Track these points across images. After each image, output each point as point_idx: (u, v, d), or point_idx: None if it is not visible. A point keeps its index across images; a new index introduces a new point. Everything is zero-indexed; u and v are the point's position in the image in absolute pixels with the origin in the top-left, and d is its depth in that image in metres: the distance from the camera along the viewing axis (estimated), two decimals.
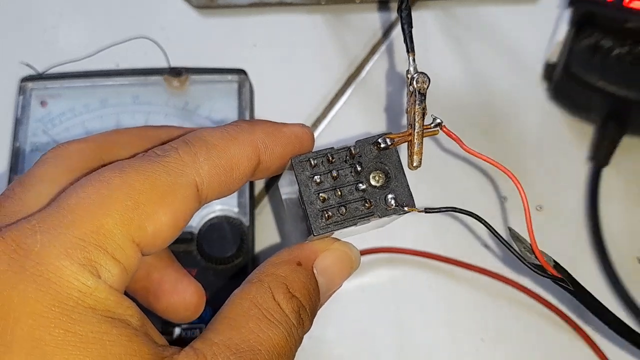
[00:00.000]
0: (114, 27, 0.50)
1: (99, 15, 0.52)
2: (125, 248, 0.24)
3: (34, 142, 0.45)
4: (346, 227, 0.27)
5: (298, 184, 0.27)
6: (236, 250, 0.43)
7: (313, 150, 0.28)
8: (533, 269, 0.30)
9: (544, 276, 0.30)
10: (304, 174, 0.27)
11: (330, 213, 0.27)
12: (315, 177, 0.27)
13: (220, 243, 0.43)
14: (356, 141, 0.28)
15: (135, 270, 0.25)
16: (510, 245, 0.29)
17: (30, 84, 0.47)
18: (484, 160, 0.28)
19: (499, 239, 0.29)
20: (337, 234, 0.29)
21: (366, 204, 0.27)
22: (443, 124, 0.28)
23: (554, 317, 0.44)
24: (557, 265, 0.31)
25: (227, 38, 0.51)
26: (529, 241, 0.29)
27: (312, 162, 0.27)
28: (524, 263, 0.29)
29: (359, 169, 0.27)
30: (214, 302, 0.31)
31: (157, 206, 0.24)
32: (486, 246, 0.46)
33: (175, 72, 0.47)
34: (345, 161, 0.27)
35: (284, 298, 0.27)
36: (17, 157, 0.45)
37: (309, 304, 0.28)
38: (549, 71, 0.49)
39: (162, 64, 0.48)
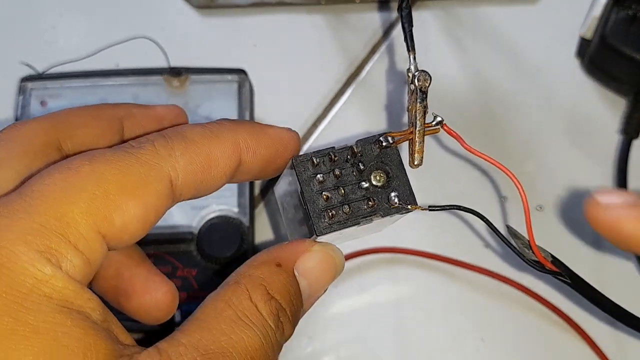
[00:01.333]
0: (114, 27, 0.50)
1: (99, 15, 0.52)
2: (89, 239, 0.22)
3: None
4: (349, 226, 0.27)
5: (299, 183, 0.27)
6: (236, 250, 0.43)
7: (314, 150, 0.27)
8: (531, 265, 0.30)
9: (542, 271, 0.30)
10: (305, 173, 0.27)
11: (333, 212, 0.27)
12: (318, 175, 0.27)
13: (220, 243, 0.43)
14: (357, 140, 0.27)
15: (99, 264, 0.23)
16: (509, 242, 0.29)
17: (30, 84, 0.47)
18: (484, 159, 0.28)
19: (498, 235, 0.29)
20: (337, 237, 0.28)
21: (369, 203, 0.27)
22: (444, 122, 0.28)
23: (554, 316, 0.44)
24: (555, 260, 0.31)
25: (227, 38, 0.51)
26: (527, 238, 0.30)
27: (315, 161, 0.27)
28: (522, 259, 0.29)
29: (361, 167, 0.27)
30: None
31: (127, 198, 0.23)
32: (487, 246, 0.46)
33: (175, 72, 0.47)
34: (347, 160, 0.27)
35: (262, 299, 0.25)
36: None
37: (289, 306, 0.26)
38: (584, 47, 0.50)
39: (162, 63, 0.48)
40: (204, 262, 0.43)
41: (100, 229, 0.23)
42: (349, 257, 0.45)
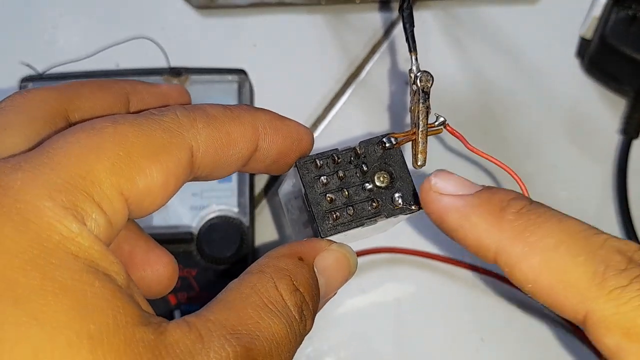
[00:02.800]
0: (114, 27, 0.50)
1: (99, 15, 0.52)
2: (113, 200, 0.22)
3: None
4: (353, 227, 0.27)
5: (303, 185, 0.27)
6: (236, 250, 0.43)
7: (315, 153, 0.27)
8: None
9: None
10: (309, 175, 0.27)
11: (337, 214, 0.27)
12: (322, 177, 0.27)
13: (220, 243, 0.43)
14: (360, 142, 0.27)
15: (120, 228, 0.23)
16: None
17: (30, 84, 0.47)
18: (488, 159, 0.28)
19: None
20: (342, 238, 0.28)
21: (373, 204, 0.27)
22: (447, 122, 0.28)
23: (554, 316, 0.44)
24: None
25: (227, 38, 0.51)
26: None
27: (318, 163, 0.27)
28: None
29: (365, 168, 0.27)
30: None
31: (150, 162, 0.23)
32: None
33: (175, 72, 0.47)
34: (350, 162, 0.27)
35: (287, 290, 0.25)
36: None
37: (311, 301, 0.26)
38: (584, 47, 0.50)
39: (162, 64, 0.48)
40: (204, 262, 0.43)
41: (123, 190, 0.22)
42: None
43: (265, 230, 0.46)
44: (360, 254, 0.45)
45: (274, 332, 0.23)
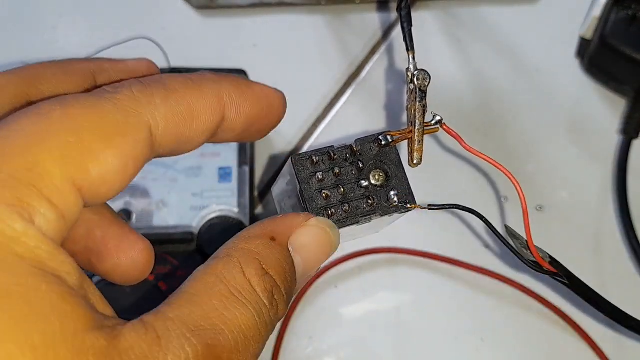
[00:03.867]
0: (114, 27, 0.50)
1: (98, 15, 0.52)
2: (63, 191, 0.20)
3: None
4: (348, 225, 0.27)
5: (298, 181, 0.27)
6: None
7: (313, 149, 0.27)
8: (529, 265, 0.30)
9: (540, 272, 0.30)
10: (304, 171, 0.27)
11: (332, 210, 0.26)
12: (318, 174, 0.27)
13: (220, 243, 0.43)
14: (356, 139, 0.27)
15: (74, 220, 0.21)
16: (507, 242, 0.29)
17: None
18: (484, 159, 0.28)
19: (496, 235, 0.29)
20: None
21: (368, 202, 0.27)
22: (443, 122, 0.28)
23: (554, 316, 0.44)
24: (552, 261, 0.31)
25: (227, 38, 0.52)
26: (525, 238, 0.30)
27: (314, 159, 0.27)
28: (520, 259, 0.29)
29: (360, 166, 0.27)
30: None
31: (104, 147, 0.21)
32: (486, 246, 0.46)
33: (175, 73, 0.47)
34: (346, 159, 0.27)
35: (256, 274, 0.23)
36: None
37: (284, 284, 0.24)
38: (583, 47, 0.50)
39: (162, 64, 0.48)
40: (203, 262, 0.43)
41: (75, 180, 0.20)
42: (348, 257, 0.45)
43: None
44: (360, 254, 0.45)
45: (240, 324, 0.22)
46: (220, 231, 0.43)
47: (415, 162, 0.27)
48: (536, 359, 0.44)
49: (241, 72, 0.48)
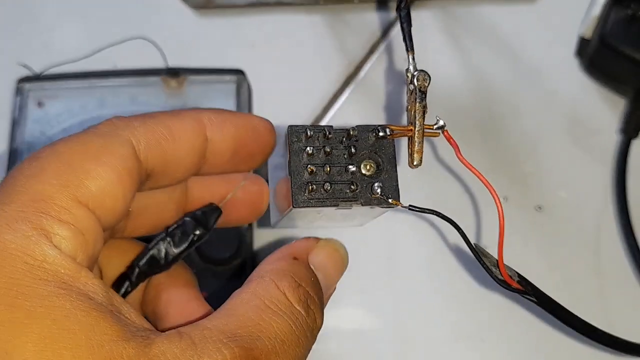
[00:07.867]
0: (112, 27, 0.50)
1: (96, 15, 0.52)
2: (71, 209, 0.22)
3: (31, 143, 0.45)
4: (326, 206, 0.26)
5: (289, 152, 0.26)
6: (235, 251, 0.43)
7: (312, 124, 0.27)
8: (499, 282, 0.30)
9: (509, 290, 0.30)
10: (297, 144, 0.27)
11: (314, 187, 0.26)
12: (308, 148, 0.26)
13: (218, 244, 0.43)
14: (356, 125, 0.27)
15: (95, 235, 0.23)
16: (480, 258, 0.30)
17: (27, 85, 0.47)
18: (474, 173, 0.28)
19: (471, 250, 0.29)
20: (316, 216, 0.28)
21: (352, 187, 0.27)
22: (446, 128, 0.27)
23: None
24: (521, 280, 0.31)
25: (225, 38, 0.51)
26: (495, 257, 0.30)
27: (309, 133, 0.27)
28: (491, 277, 0.30)
29: (353, 151, 0.27)
30: (213, 304, 0.30)
31: (94, 164, 0.23)
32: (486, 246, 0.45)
33: (173, 73, 0.47)
34: (341, 142, 0.27)
35: (290, 287, 0.25)
36: (14, 159, 0.45)
37: (316, 295, 0.26)
38: (583, 47, 0.50)
39: (159, 64, 0.48)
40: (202, 263, 0.43)
41: (78, 197, 0.23)
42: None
43: (264, 232, 0.46)
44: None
45: (276, 331, 0.23)
46: (219, 232, 0.43)
47: (415, 163, 0.27)
48: (536, 359, 0.44)
49: (239, 72, 0.47)
